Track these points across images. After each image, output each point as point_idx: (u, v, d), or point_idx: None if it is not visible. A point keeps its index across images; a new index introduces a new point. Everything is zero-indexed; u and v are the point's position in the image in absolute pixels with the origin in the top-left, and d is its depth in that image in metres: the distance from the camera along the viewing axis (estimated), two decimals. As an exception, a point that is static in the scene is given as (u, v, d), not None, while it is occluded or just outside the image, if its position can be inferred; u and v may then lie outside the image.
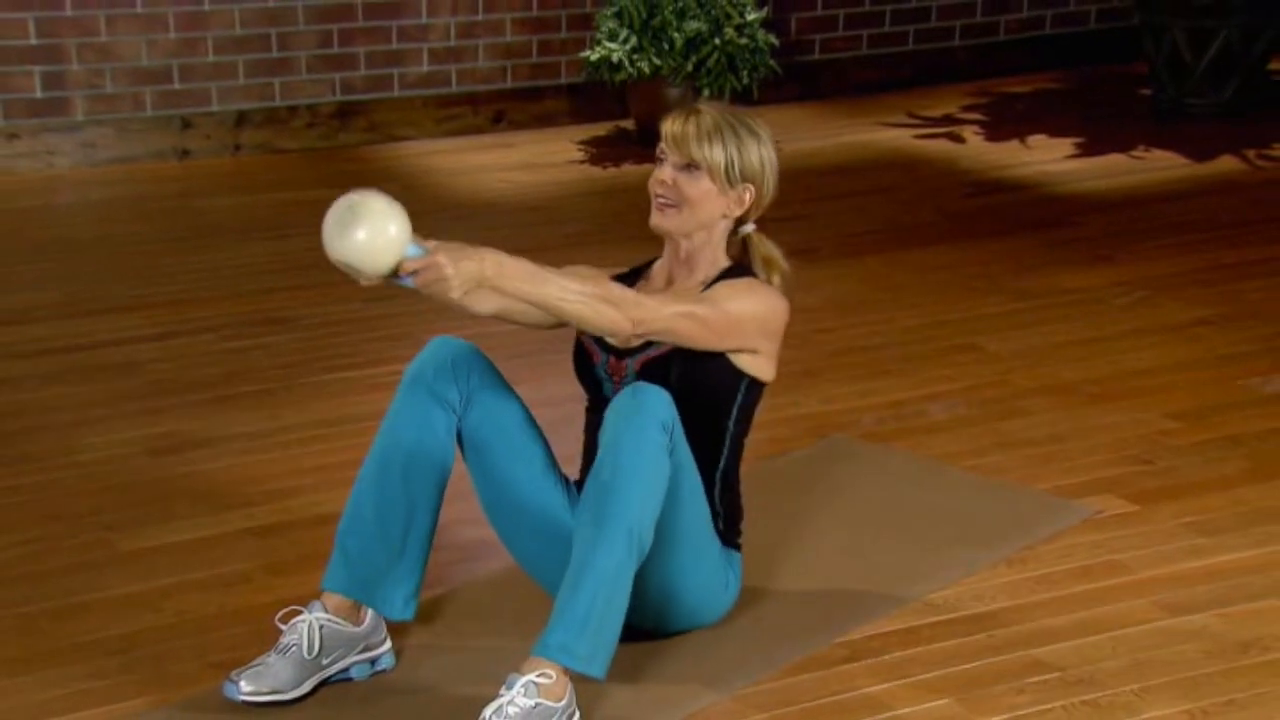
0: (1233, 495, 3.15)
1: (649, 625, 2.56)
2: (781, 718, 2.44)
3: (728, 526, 2.61)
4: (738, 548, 2.64)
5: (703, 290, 2.55)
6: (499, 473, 2.54)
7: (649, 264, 2.69)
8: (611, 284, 2.43)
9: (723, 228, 2.58)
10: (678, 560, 2.49)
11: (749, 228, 2.60)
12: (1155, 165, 5.57)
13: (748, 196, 2.54)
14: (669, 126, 2.53)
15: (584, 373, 2.62)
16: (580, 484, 2.59)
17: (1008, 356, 3.88)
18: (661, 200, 2.54)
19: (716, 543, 2.57)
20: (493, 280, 2.31)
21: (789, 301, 2.57)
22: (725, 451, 2.57)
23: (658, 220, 2.56)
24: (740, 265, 2.60)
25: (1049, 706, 2.46)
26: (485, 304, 2.50)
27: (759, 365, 2.56)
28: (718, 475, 2.57)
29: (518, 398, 2.58)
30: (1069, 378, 3.74)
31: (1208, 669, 2.56)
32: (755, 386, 2.58)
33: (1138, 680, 2.53)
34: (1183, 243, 4.72)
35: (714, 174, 2.51)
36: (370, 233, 2.23)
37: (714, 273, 2.58)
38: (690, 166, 2.51)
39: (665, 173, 2.53)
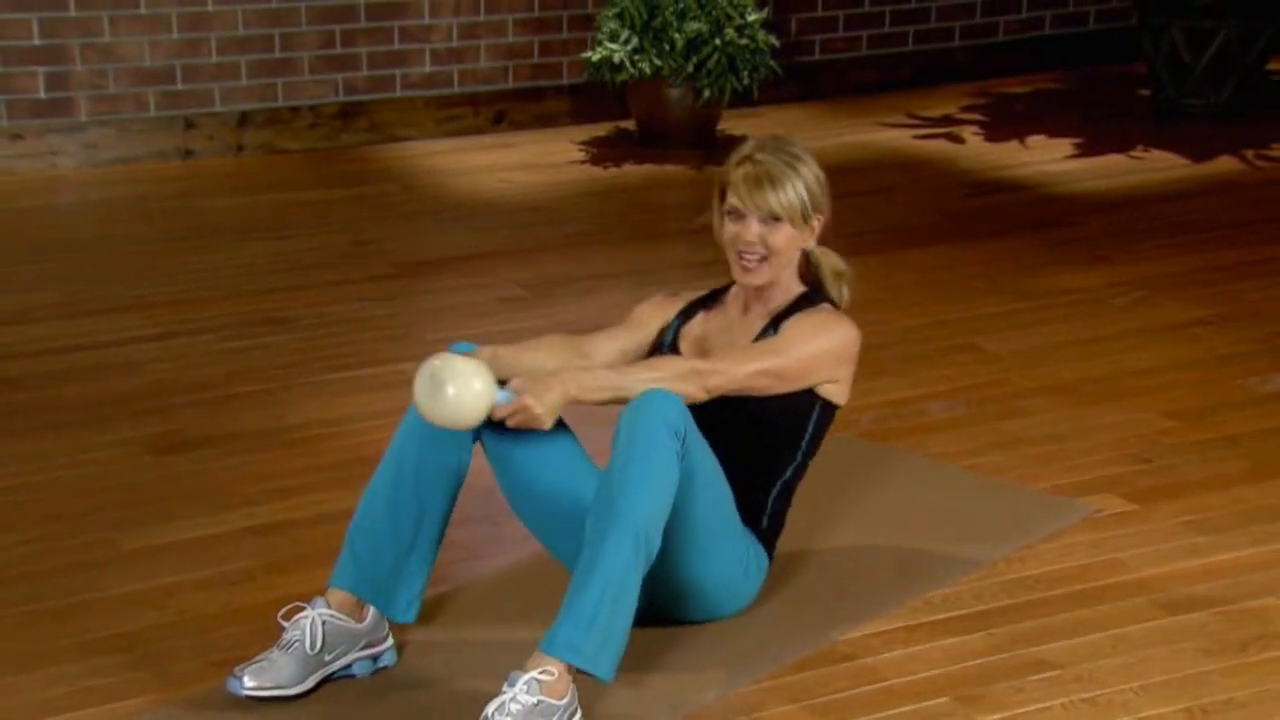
0: (1231, 494, 3.16)
1: (668, 612, 2.61)
2: (782, 715, 2.45)
3: (769, 530, 2.67)
4: (770, 555, 2.69)
5: (776, 317, 2.65)
6: (527, 471, 2.57)
7: (725, 288, 2.77)
8: (681, 362, 2.57)
9: (798, 257, 2.67)
10: (697, 553, 2.53)
11: (811, 244, 2.67)
12: (1154, 165, 5.58)
13: (817, 224, 2.65)
14: (737, 180, 2.60)
15: None
16: None
17: (1007, 356, 3.89)
18: (751, 258, 2.62)
19: (743, 539, 2.62)
20: (576, 399, 2.47)
21: (858, 327, 2.69)
22: (793, 467, 2.67)
23: (749, 279, 2.64)
24: (812, 291, 2.70)
25: (1048, 704, 2.47)
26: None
27: (834, 391, 2.67)
28: (780, 485, 2.66)
29: None
30: (1068, 377, 3.75)
31: (1207, 667, 2.57)
32: (829, 409, 2.68)
33: (1137, 678, 2.54)
34: (1182, 243, 4.73)
35: (793, 219, 2.61)
36: (458, 389, 2.40)
37: (788, 299, 2.68)
38: (772, 219, 2.60)
39: (751, 231, 2.61)
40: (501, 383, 2.48)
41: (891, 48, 6.61)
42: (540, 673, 2.31)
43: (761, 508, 2.66)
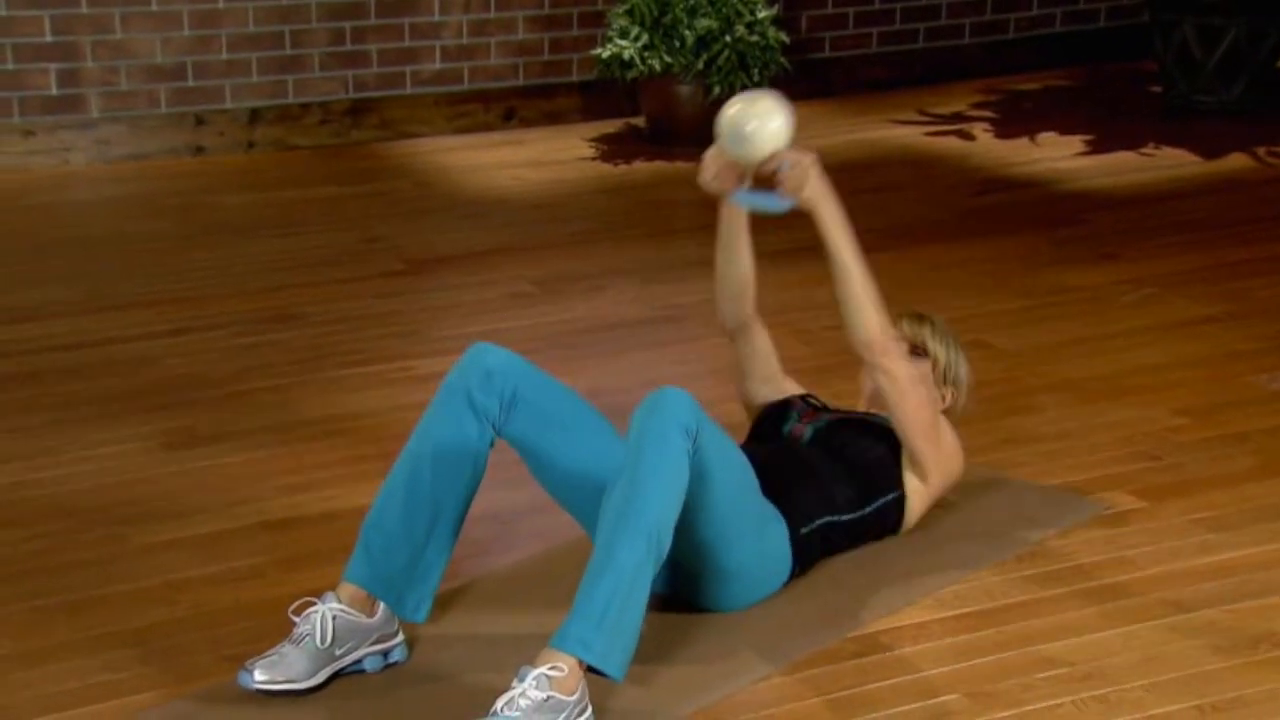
0: (1241, 491, 3.16)
1: (707, 602, 2.66)
2: (792, 712, 2.46)
3: (805, 542, 2.73)
4: (796, 564, 2.73)
5: None
6: (562, 463, 2.59)
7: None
8: (889, 326, 2.78)
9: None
10: (717, 541, 2.57)
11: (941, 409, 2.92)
12: (1165, 163, 5.57)
13: (949, 396, 2.95)
14: (908, 318, 2.98)
15: (773, 406, 2.94)
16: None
17: (1016, 353, 3.89)
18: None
19: (767, 534, 2.66)
20: (825, 204, 2.69)
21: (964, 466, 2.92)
22: (848, 516, 2.79)
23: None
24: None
25: (1058, 702, 2.47)
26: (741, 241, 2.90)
27: (915, 493, 2.85)
28: (832, 518, 2.76)
29: (565, 388, 2.64)
30: (1077, 374, 3.75)
31: (1216, 665, 2.57)
32: (900, 502, 2.85)
33: (1146, 676, 2.54)
34: (1191, 240, 4.73)
35: (935, 363, 2.93)
36: (784, 120, 2.67)
37: None
38: (918, 352, 2.92)
39: (903, 345, 2.89)
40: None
41: (902, 45, 6.61)
42: (550, 668, 2.31)
43: (809, 517, 2.73)
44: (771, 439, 2.91)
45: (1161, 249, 4.65)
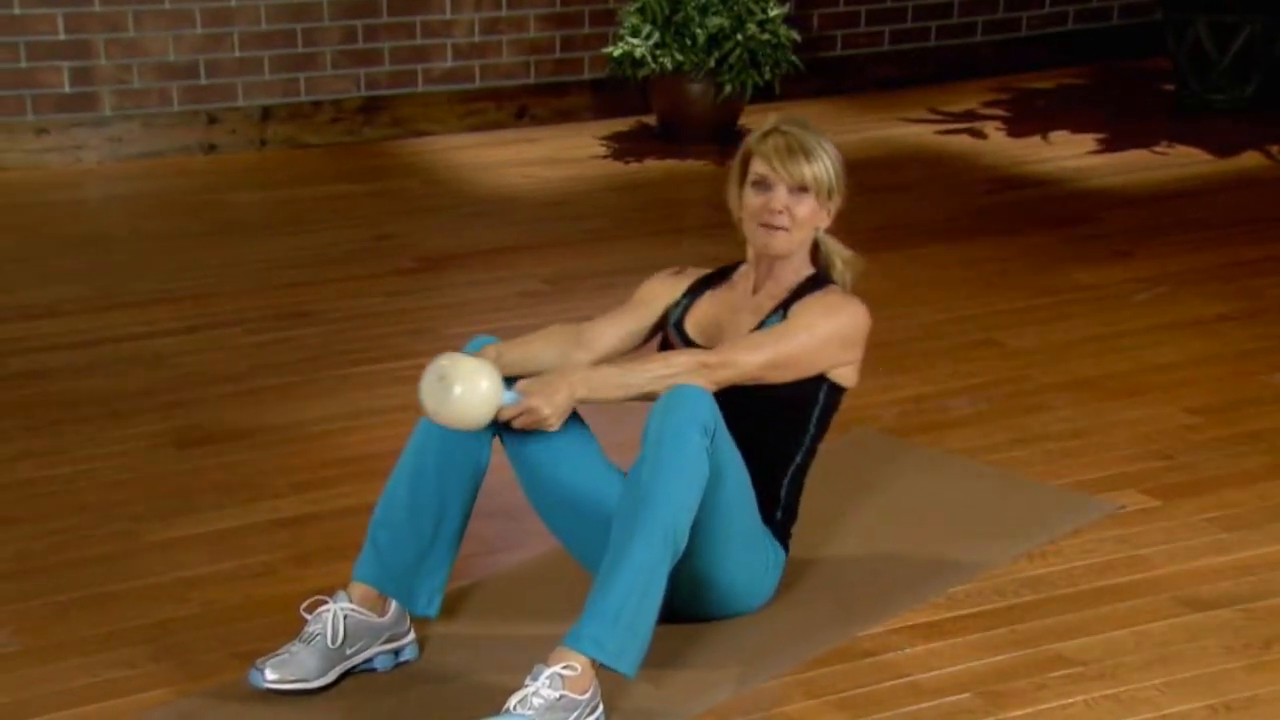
0: (1255, 490, 3.15)
1: (686, 610, 2.60)
2: (803, 711, 2.46)
3: (784, 521, 2.66)
4: (786, 547, 2.68)
5: (785, 299, 2.62)
6: (545, 467, 2.57)
7: (733, 267, 2.75)
8: (688, 357, 2.53)
9: (811, 237, 2.66)
10: (717, 553, 2.53)
11: (820, 233, 2.67)
12: (1177, 161, 5.56)
13: (834, 207, 2.64)
14: (769, 150, 2.59)
15: None
16: None
17: (1028, 352, 3.88)
18: (775, 226, 2.60)
19: (763, 537, 2.61)
20: (585, 400, 2.48)
21: (867, 308, 2.65)
22: (802, 451, 2.65)
23: (773, 245, 2.61)
24: (820, 273, 2.68)
25: (1071, 701, 2.47)
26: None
27: (842, 374, 2.65)
28: (791, 470, 2.64)
29: None
30: (1089, 373, 3.74)
31: (1230, 664, 2.56)
32: (836, 391, 2.66)
33: (1160, 675, 2.53)
34: (1204, 238, 4.72)
35: (819, 192, 2.60)
36: (465, 390, 2.40)
37: (798, 279, 2.66)
38: (800, 189, 2.59)
39: (779, 199, 2.59)
40: (510, 381, 2.48)
41: (913, 43, 6.59)
42: (563, 667, 2.31)
43: (775, 499, 2.65)
44: None
45: (1174, 247, 4.64)
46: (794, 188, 2.59)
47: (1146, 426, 3.44)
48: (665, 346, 2.71)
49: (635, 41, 5.60)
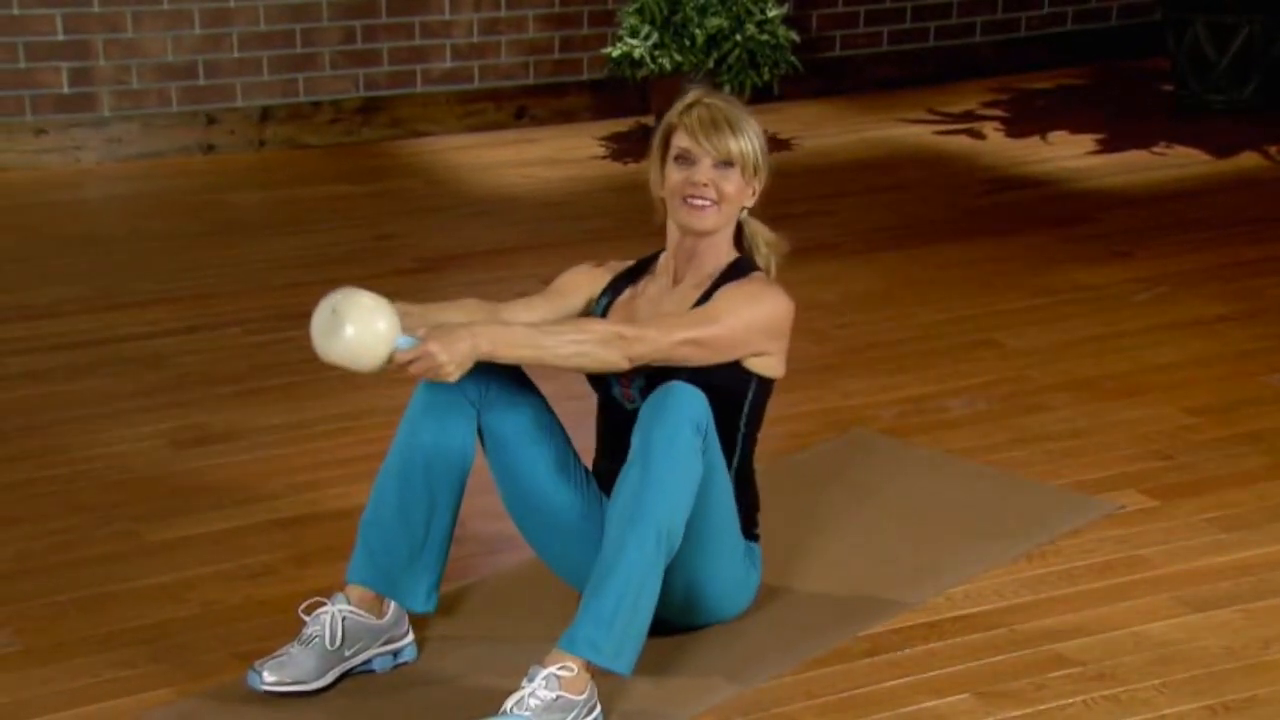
0: (1254, 491, 3.15)
1: (673, 619, 2.57)
2: (802, 711, 2.46)
3: (746, 519, 2.62)
4: (756, 539, 2.65)
5: (709, 287, 2.54)
6: (518, 470, 2.55)
7: (653, 257, 2.69)
8: (605, 325, 2.43)
9: (735, 219, 2.58)
10: (705, 557, 2.51)
11: (745, 214, 2.59)
12: (1176, 161, 5.56)
13: (758, 185, 2.55)
14: (694, 123, 2.50)
15: (594, 376, 2.60)
16: (599, 473, 2.60)
17: (1027, 352, 3.89)
18: (700, 202, 2.51)
19: (741, 539, 2.59)
20: (488, 355, 2.35)
21: (790, 297, 2.56)
22: (738, 448, 2.58)
23: (697, 222, 2.52)
24: (744, 259, 2.60)
25: (1069, 702, 2.47)
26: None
27: (768, 365, 2.56)
28: (732, 472, 2.57)
29: (537, 393, 2.59)
30: (1088, 373, 3.74)
31: (1229, 665, 2.56)
32: (765, 384, 2.58)
33: (1159, 676, 2.53)
34: (1203, 239, 4.72)
35: (744, 167, 2.51)
36: (358, 329, 2.23)
37: (721, 265, 2.57)
38: (726, 164, 2.50)
39: (703, 173, 2.50)
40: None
41: (912, 43, 6.60)
42: (559, 668, 2.31)
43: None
44: (607, 407, 2.61)
45: (1173, 248, 4.64)
46: (719, 162, 2.49)
47: (1146, 427, 3.44)
48: None
49: (634, 42, 5.60)
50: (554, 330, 2.43)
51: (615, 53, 5.65)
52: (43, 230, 4.93)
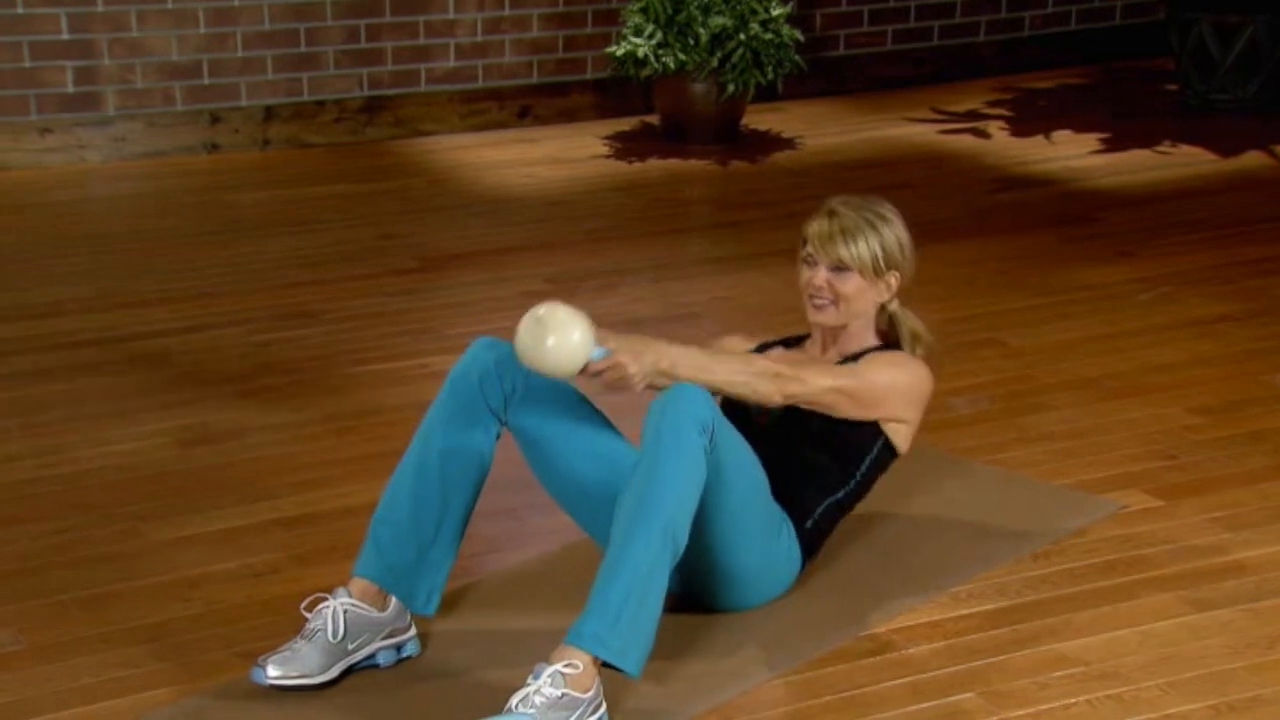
0: (1258, 490, 3.14)
1: (715, 601, 2.66)
2: (805, 711, 2.46)
3: (811, 533, 2.71)
4: (805, 550, 2.71)
5: (851, 358, 2.75)
6: (561, 462, 2.60)
7: (801, 338, 2.88)
8: (767, 362, 2.65)
9: (873, 310, 2.78)
10: (738, 542, 2.57)
11: (894, 304, 2.78)
12: (1180, 161, 5.56)
13: (894, 281, 2.75)
14: (813, 231, 2.74)
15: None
16: None
17: (1031, 351, 3.88)
18: (819, 301, 2.75)
19: (780, 525, 2.65)
20: (667, 372, 2.53)
21: (933, 373, 2.78)
22: (845, 491, 2.73)
23: (817, 317, 2.76)
24: (888, 343, 2.79)
25: (1073, 701, 2.47)
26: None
27: (898, 433, 2.75)
28: (830, 501, 2.71)
29: (570, 386, 2.63)
30: (1092, 373, 3.74)
31: (1233, 664, 2.56)
32: (888, 450, 2.75)
33: (1163, 675, 2.53)
34: (1207, 238, 4.72)
35: (863, 270, 2.72)
36: (558, 340, 2.46)
37: (862, 347, 2.78)
38: (840, 268, 2.72)
39: (819, 277, 2.74)
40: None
41: (917, 43, 6.59)
42: (565, 665, 2.31)
43: (809, 511, 2.71)
44: (738, 425, 2.76)
45: (1177, 247, 4.64)
46: (834, 266, 2.72)
47: (1149, 426, 3.44)
48: None
49: (638, 41, 5.60)
50: (723, 359, 2.63)
51: (619, 52, 5.65)
52: (46, 229, 4.93)
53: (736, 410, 2.76)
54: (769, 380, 2.60)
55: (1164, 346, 3.90)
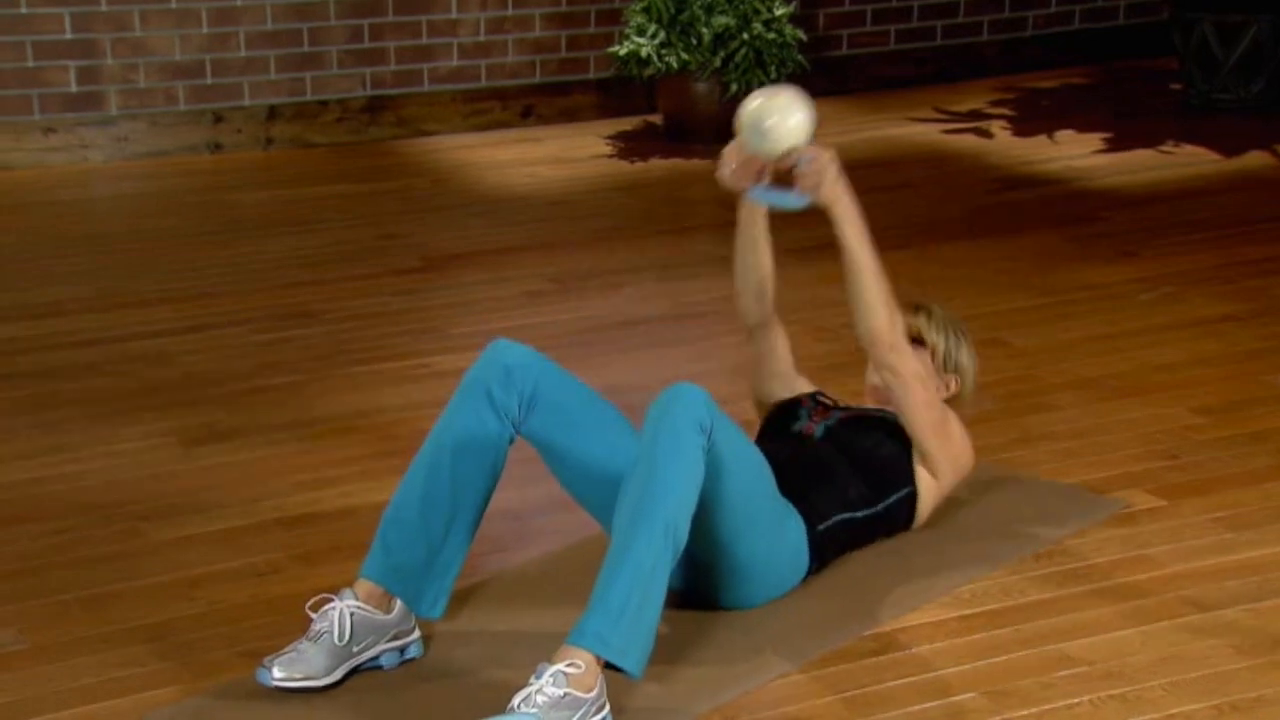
0: (1261, 490, 3.14)
1: (725, 598, 2.66)
2: (810, 710, 2.45)
3: (821, 539, 2.73)
4: (814, 561, 2.73)
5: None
6: (581, 460, 2.60)
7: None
8: (899, 316, 2.78)
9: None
10: (731, 536, 2.57)
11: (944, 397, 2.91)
12: (1183, 160, 5.55)
13: (953, 384, 2.93)
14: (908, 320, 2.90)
15: (784, 403, 2.95)
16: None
17: (1034, 351, 3.88)
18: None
19: (787, 517, 2.67)
20: (834, 202, 2.69)
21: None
22: (863, 514, 2.79)
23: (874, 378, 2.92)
24: None
25: (1076, 701, 2.46)
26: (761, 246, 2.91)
27: (927, 489, 2.85)
28: (847, 516, 2.76)
29: (584, 386, 2.64)
30: (1094, 373, 3.74)
31: (1236, 665, 2.55)
32: (909, 502, 2.84)
33: (1166, 675, 2.53)
34: (1210, 238, 4.71)
35: (934, 352, 2.91)
36: (779, 119, 2.68)
37: None
38: (918, 340, 2.90)
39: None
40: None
41: (919, 42, 6.59)
42: (568, 665, 2.31)
43: (824, 516, 2.74)
44: (782, 436, 2.91)
45: (1180, 247, 4.63)
46: (913, 337, 2.88)
47: (1152, 426, 3.44)
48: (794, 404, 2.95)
49: (641, 41, 5.60)
50: (875, 256, 2.75)
51: (622, 51, 5.65)
52: (49, 229, 4.94)
53: (786, 415, 2.91)
54: (892, 308, 2.73)
55: (1166, 346, 3.89)
